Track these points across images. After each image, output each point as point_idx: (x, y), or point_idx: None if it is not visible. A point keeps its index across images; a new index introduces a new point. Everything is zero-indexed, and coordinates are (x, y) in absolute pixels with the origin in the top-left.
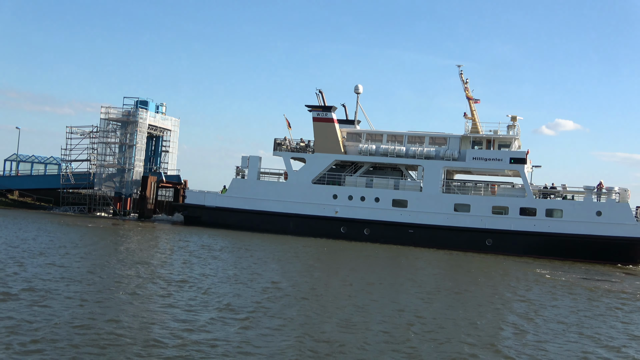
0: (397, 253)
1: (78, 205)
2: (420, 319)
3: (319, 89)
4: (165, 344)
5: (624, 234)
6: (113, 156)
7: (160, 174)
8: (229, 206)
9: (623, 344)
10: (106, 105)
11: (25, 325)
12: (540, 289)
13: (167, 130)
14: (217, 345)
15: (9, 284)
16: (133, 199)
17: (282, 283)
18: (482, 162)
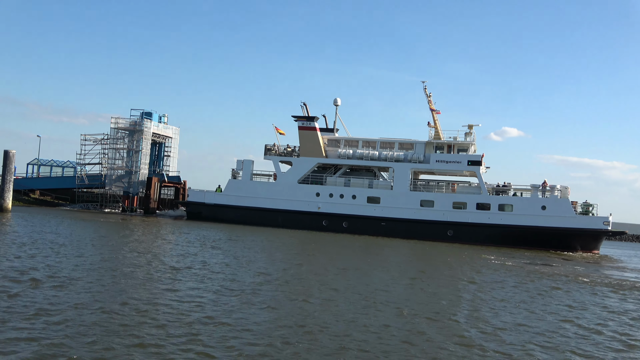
0: (371, 243)
1: (91, 203)
2: (387, 293)
3: (304, 102)
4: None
5: (565, 225)
6: (122, 160)
7: (162, 175)
8: (226, 203)
9: (565, 316)
10: (115, 116)
11: (51, 305)
12: (489, 272)
13: (169, 137)
14: (213, 317)
15: (40, 270)
16: (139, 197)
17: (268, 268)
18: (444, 164)
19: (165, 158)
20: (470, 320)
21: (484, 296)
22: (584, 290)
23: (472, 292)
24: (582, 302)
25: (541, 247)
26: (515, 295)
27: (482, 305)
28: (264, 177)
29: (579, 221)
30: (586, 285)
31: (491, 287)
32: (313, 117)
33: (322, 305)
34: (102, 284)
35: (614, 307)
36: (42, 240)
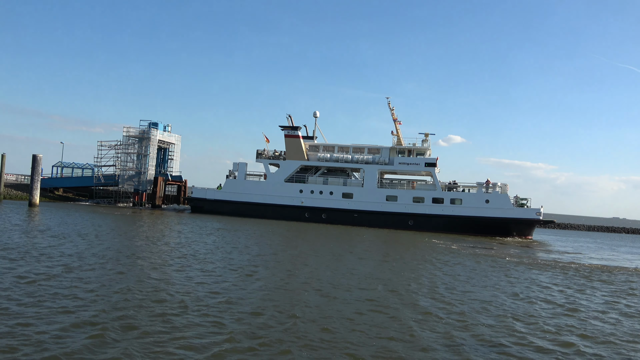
0: (346, 231)
1: (106, 198)
2: (355, 272)
3: (289, 114)
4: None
5: (505, 215)
6: (132, 162)
7: (166, 175)
8: (224, 199)
9: (503, 290)
10: (127, 126)
11: (82, 285)
12: (441, 254)
13: (172, 143)
14: (217, 292)
15: (74, 255)
16: (147, 193)
17: (257, 251)
18: (406, 165)
19: (169, 161)
20: (422, 291)
21: (437, 272)
22: (518, 268)
23: (424, 270)
24: (516, 276)
25: (485, 233)
26: (459, 271)
27: (434, 279)
28: (255, 177)
29: (516, 212)
30: (518, 263)
31: (442, 265)
32: (297, 127)
33: (308, 280)
34: (123, 264)
35: (536, 279)
36: (73, 229)
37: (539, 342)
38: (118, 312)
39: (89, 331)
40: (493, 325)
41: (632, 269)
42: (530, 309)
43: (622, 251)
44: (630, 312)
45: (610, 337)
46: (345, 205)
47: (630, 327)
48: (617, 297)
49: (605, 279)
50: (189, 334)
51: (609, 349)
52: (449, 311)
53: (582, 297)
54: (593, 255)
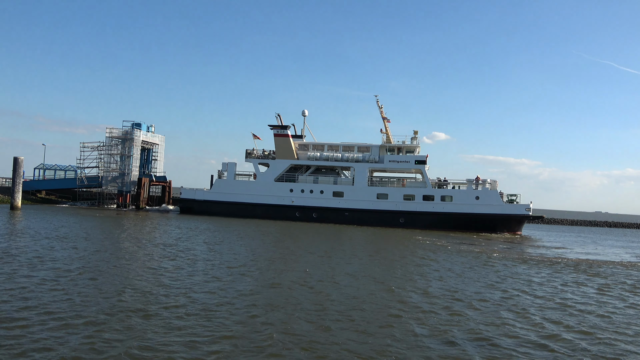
0: (337, 229)
1: (90, 200)
2: (348, 264)
3: (278, 113)
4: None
5: (495, 212)
6: (116, 164)
7: (151, 176)
8: (214, 199)
9: (485, 282)
10: (110, 127)
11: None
12: (428, 250)
13: (156, 144)
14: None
15: (67, 255)
16: (131, 195)
17: (249, 250)
18: (396, 163)
19: (153, 161)
20: (406, 283)
21: (425, 266)
22: (502, 262)
23: (412, 264)
24: (499, 270)
25: (475, 230)
26: (445, 264)
27: (418, 272)
28: (245, 176)
29: (506, 208)
30: (502, 258)
31: (429, 260)
32: (286, 125)
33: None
34: (115, 265)
35: (515, 270)
36: (61, 231)
37: (524, 334)
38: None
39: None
40: (477, 319)
41: (627, 263)
42: (517, 303)
43: (607, 244)
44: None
45: (603, 329)
46: (336, 204)
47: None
48: (610, 291)
49: (595, 272)
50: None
51: (597, 339)
52: (435, 304)
53: (575, 290)
54: (580, 249)
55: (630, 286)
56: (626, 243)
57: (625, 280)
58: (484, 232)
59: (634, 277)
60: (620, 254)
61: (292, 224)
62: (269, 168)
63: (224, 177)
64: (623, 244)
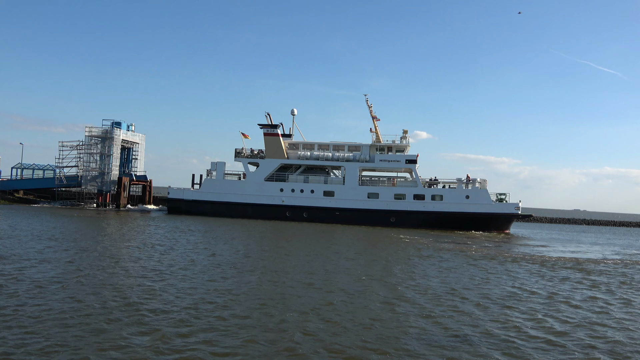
0: (327, 228)
1: (69, 200)
2: (335, 264)
3: (268, 112)
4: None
5: (485, 211)
6: (95, 163)
7: (131, 175)
8: (203, 199)
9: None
10: (89, 126)
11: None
12: (414, 250)
13: (136, 143)
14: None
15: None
16: (111, 194)
17: (243, 250)
18: (387, 163)
19: (133, 160)
20: (388, 278)
21: (413, 263)
22: (491, 262)
23: (398, 262)
24: (485, 267)
25: (466, 228)
26: (426, 262)
27: (402, 268)
28: (234, 176)
29: (495, 207)
30: (484, 256)
31: (415, 257)
32: (276, 124)
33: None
34: (107, 264)
35: (483, 264)
36: (44, 230)
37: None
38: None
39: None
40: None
41: (619, 261)
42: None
43: (587, 242)
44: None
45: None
46: (327, 204)
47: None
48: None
49: (583, 269)
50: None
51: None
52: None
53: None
54: (563, 247)
55: (624, 283)
56: (605, 240)
57: (616, 277)
58: (474, 230)
59: (627, 274)
60: (603, 252)
61: (282, 224)
62: (258, 167)
63: (213, 177)
64: (603, 241)
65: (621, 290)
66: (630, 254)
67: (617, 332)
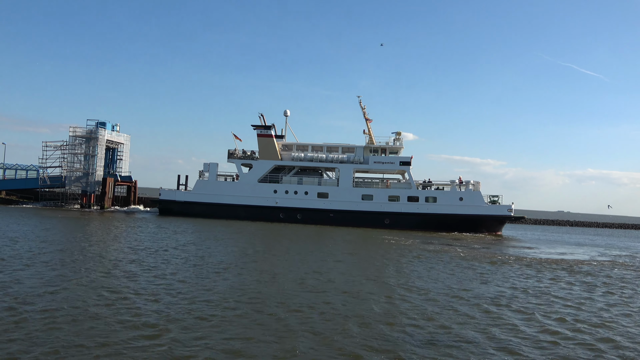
0: (321, 230)
1: (53, 201)
2: (326, 264)
3: (261, 113)
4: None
5: (478, 213)
6: (79, 163)
7: (115, 176)
8: (195, 200)
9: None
10: (74, 126)
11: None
12: (406, 251)
13: (121, 143)
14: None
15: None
16: (95, 195)
17: (248, 250)
18: (381, 164)
19: (118, 161)
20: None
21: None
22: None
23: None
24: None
25: (459, 230)
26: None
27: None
28: (226, 177)
29: (489, 209)
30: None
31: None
32: (270, 125)
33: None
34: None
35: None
36: (28, 230)
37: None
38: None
39: None
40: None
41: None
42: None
43: (572, 242)
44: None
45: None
46: (321, 205)
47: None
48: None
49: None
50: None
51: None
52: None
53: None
54: (547, 249)
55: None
56: (589, 241)
57: (606, 278)
58: (468, 232)
59: (615, 275)
60: (590, 253)
61: (276, 226)
62: (252, 169)
63: (205, 178)
64: (588, 242)
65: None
66: (626, 255)
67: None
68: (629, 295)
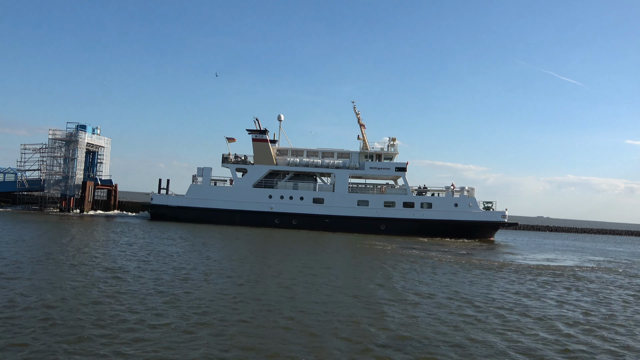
0: (316, 236)
1: (31, 204)
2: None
3: (256, 118)
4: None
5: (473, 219)
6: (59, 166)
7: (96, 179)
8: (188, 205)
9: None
10: (53, 129)
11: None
12: (399, 258)
13: (101, 146)
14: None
15: None
16: (75, 198)
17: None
18: (377, 170)
19: (98, 164)
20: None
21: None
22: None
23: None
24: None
25: (453, 236)
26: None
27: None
28: (220, 182)
29: (483, 215)
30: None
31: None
32: (264, 130)
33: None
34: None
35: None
36: None
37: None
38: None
39: None
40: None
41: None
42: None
43: (548, 248)
44: None
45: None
46: (317, 211)
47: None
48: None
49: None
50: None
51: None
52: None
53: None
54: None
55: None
56: (565, 247)
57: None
58: (462, 238)
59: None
60: (573, 259)
61: (272, 231)
62: (247, 173)
63: (199, 182)
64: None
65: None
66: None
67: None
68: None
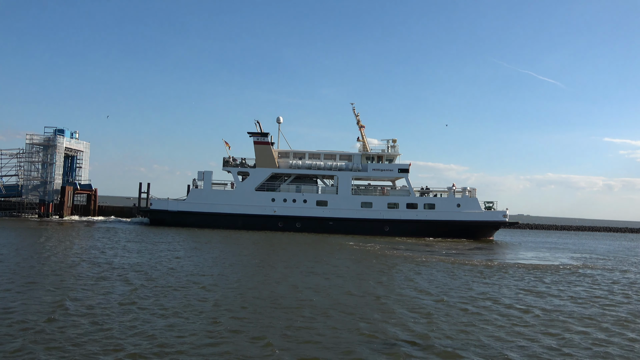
0: (320, 238)
1: (9, 210)
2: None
3: (257, 120)
4: None
5: (475, 219)
6: (37, 172)
7: (75, 184)
8: (189, 210)
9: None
10: (30, 133)
11: None
12: (395, 261)
13: (80, 151)
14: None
15: None
16: (54, 204)
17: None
18: (380, 172)
19: (77, 169)
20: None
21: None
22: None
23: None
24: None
25: (456, 236)
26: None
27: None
28: (221, 185)
29: (485, 215)
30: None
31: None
32: (266, 133)
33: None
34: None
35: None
36: None
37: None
38: None
39: None
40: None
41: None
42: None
43: (527, 246)
44: None
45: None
46: (320, 213)
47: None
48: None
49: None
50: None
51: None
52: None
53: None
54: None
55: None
56: (542, 244)
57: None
58: (465, 238)
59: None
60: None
61: (274, 235)
62: (249, 177)
63: (200, 187)
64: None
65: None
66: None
67: None
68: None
